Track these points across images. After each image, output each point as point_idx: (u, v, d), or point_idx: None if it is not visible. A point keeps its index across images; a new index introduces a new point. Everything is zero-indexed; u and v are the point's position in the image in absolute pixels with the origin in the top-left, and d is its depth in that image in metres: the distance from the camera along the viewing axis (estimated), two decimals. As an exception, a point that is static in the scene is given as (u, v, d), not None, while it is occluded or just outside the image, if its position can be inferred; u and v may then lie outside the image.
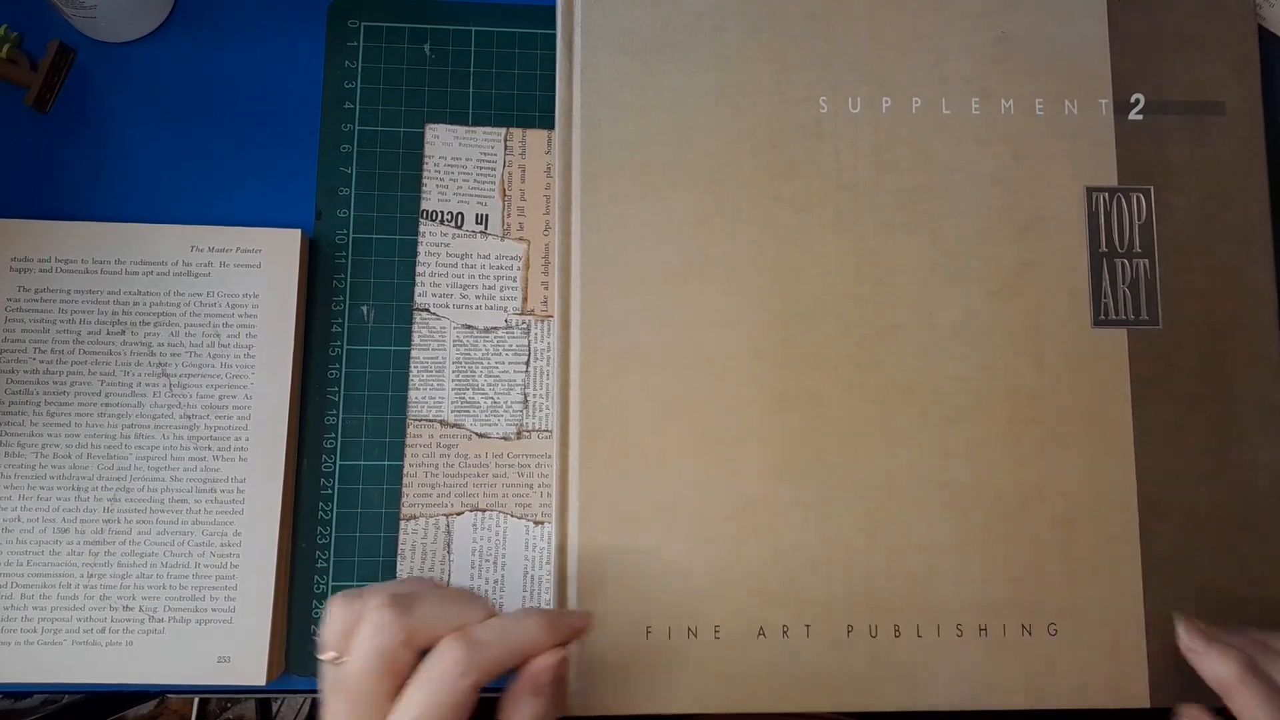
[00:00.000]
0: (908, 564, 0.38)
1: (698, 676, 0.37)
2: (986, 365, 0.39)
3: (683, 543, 0.37)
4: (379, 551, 0.40)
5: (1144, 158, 0.41)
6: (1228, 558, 0.39)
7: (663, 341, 0.38)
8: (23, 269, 0.40)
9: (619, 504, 0.37)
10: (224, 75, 0.44)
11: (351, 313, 0.42)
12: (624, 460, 0.38)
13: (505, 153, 0.44)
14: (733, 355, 0.39)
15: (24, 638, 0.37)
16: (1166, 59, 0.42)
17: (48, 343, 0.40)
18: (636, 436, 0.38)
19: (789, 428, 0.38)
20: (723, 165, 0.40)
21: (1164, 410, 0.39)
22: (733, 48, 0.41)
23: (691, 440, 0.38)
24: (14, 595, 0.38)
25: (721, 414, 0.38)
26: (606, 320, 0.38)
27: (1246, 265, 0.41)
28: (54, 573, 0.38)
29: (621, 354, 0.38)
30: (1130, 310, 0.40)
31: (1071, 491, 0.39)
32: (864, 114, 0.41)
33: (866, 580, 0.38)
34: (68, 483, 0.39)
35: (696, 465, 0.38)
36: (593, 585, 0.37)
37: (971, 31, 0.41)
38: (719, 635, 0.37)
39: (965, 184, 0.40)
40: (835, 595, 0.37)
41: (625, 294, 0.39)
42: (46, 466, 0.39)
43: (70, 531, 0.38)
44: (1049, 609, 0.38)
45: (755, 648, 0.37)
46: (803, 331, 0.39)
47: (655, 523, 0.37)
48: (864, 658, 0.37)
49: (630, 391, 0.38)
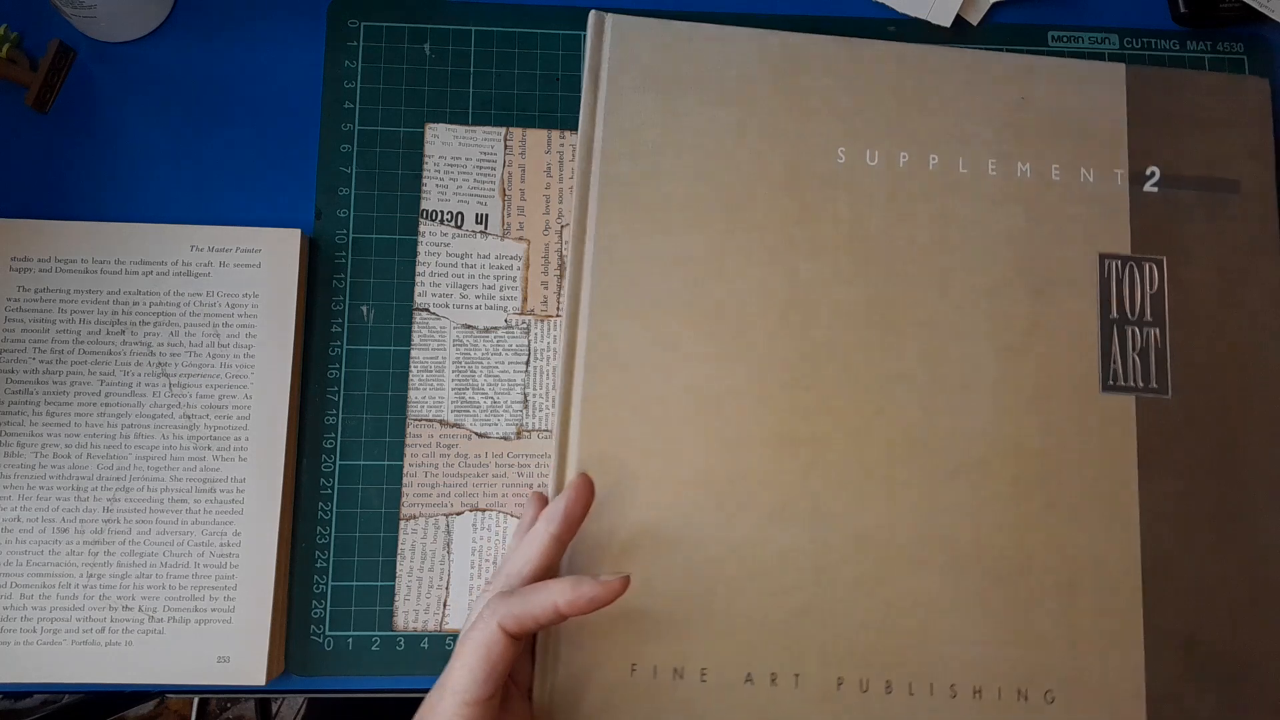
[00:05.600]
0: (903, 618, 0.37)
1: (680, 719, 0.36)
2: (992, 422, 0.39)
3: (674, 580, 0.37)
4: (379, 551, 0.40)
5: (1158, 229, 0.41)
6: (1234, 632, 0.38)
7: (668, 375, 0.38)
8: (23, 269, 0.40)
9: (615, 535, 0.37)
10: (224, 75, 0.44)
11: (351, 313, 0.42)
12: (621, 492, 0.37)
13: (505, 152, 0.44)
14: (737, 394, 0.38)
15: (24, 638, 0.37)
16: (1183, 135, 0.42)
17: (48, 343, 0.40)
18: (636, 469, 0.37)
19: (789, 470, 0.38)
20: (738, 206, 0.40)
21: (1171, 480, 0.39)
22: (756, 93, 0.41)
23: (690, 477, 0.37)
24: (14, 595, 0.38)
25: (722, 452, 0.38)
26: (613, 351, 0.38)
27: (1259, 341, 0.40)
28: (54, 573, 0.38)
29: (626, 385, 0.38)
30: (1140, 378, 0.40)
31: (1074, 556, 0.38)
32: (881, 166, 0.41)
33: (860, 632, 0.37)
34: (68, 483, 0.39)
35: (694, 502, 0.37)
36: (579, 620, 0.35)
37: (992, 94, 0.42)
38: (705, 679, 0.36)
39: (979, 242, 0.40)
40: (827, 645, 0.37)
41: (634, 326, 0.38)
42: (46, 466, 0.39)
43: (70, 531, 0.38)
44: (1047, 675, 0.37)
45: (742, 694, 0.36)
46: (809, 375, 0.38)
47: (648, 557, 0.37)
48: (854, 713, 0.36)
49: (632, 424, 0.38)
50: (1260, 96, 0.43)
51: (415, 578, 0.40)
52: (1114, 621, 0.37)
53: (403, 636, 0.40)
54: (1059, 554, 0.38)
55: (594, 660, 0.36)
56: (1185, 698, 0.37)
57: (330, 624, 0.40)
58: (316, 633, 0.40)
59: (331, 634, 0.40)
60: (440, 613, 0.40)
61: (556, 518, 0.34)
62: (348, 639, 0.40)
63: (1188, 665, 0.37)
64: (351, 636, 0.40)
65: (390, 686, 0.40)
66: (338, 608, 0.40)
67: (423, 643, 0.40)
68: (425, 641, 0.40)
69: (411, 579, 0.40)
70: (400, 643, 0.40)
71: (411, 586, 0.40)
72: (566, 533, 0.34)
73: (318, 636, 0.40)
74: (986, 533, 0.38)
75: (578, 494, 0.35)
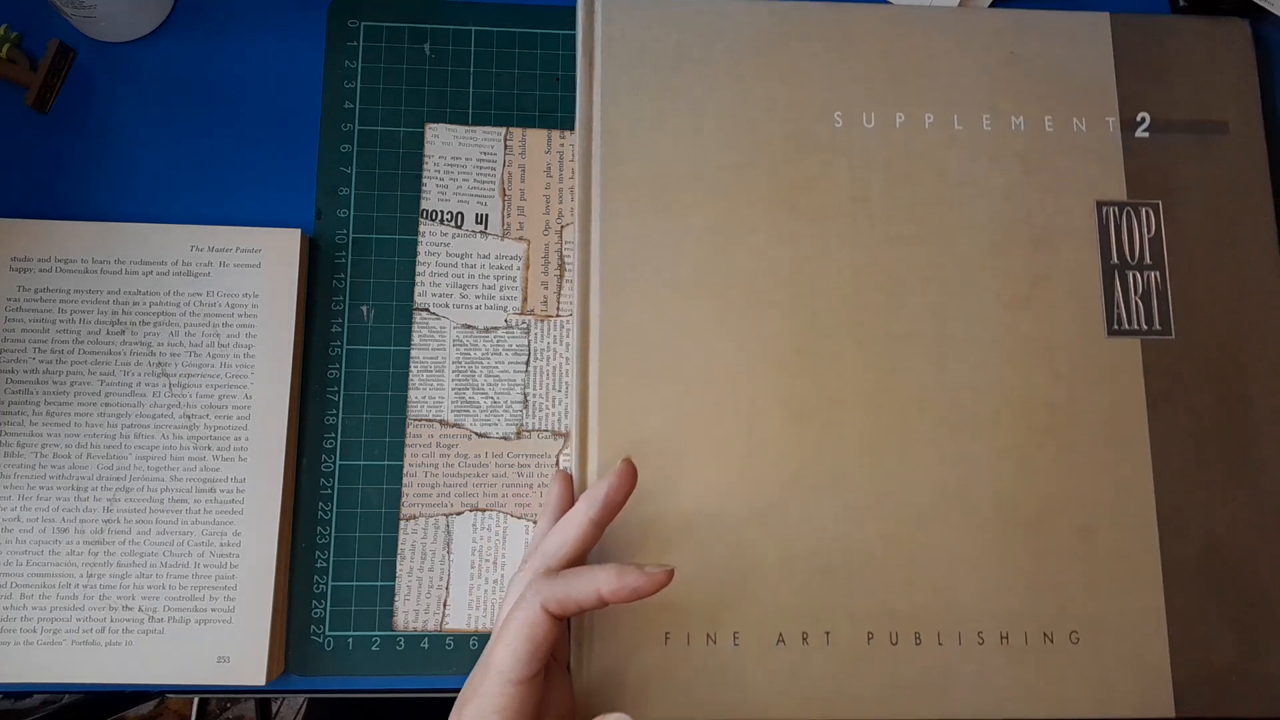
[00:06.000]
0: (928, 572, 0.38)
1: (717, 685, 0.36)
2: (1003, 376, 0.39)
3: (702, 549, 0.37)
4: (379, 551, 0.40)
5: (1152, 174, 0.42)
6: (1248, 565, 0.39)
7: (680, 351, 0.39)
8: (23, 269, 0.40)
9: (638, 512, 0.37)
10: (224, 75, 0.44)
11: (351, 313, 0.42)
12: (642, 469, 0.38)
13: (505, 152, 0.44)
14: (750, 365, 0.39)
15: (24, 638, 0.37)
16: (1170, 80, 0.43)
17: (48, 343, 0.40)
18: (655, 446, 0.38)
19: (807, 435, 0.38)
20: (739, 178, 0.40)
21: (1179, 419, 0.40)
22: (749, 64, 0.41)
23: (710, 449, 0.38)
24: (14, 595, 0.38)
25: (739, 423, 0.38)
26: (625, 330, 0.39)
27: (1255, 277, 0.41)
28: (54, 573, 0.38)
29: (639, 364, 0.38)
30: (1143, 321, 0.40)
31: (1090, 501, 0.39)
32: (878, 129, 0.41)
33: (886, 587, 0.38)
34: (68, 483, 0.39)
35: (714, 474, 0.38)
36: None
37: (982, 51, 0.42)
38: (738, 642, 0.37)
39: (978, 198, 0.41)
40: (855, 602, 0.37)
41: (643, 304, 0.39)
42: (46, 466, 0.39)
43: (70, 531, 0.38)
44: (1070, 618, 0.38)
45: (775, 655, 0.37)
46: (819, 341, 0.39)
47: (674, 530, 0.37)
48: (885, 666, 0.37)
49: (648, 401, 0.38)
50: (1241, 37, 0.43)
51: (415, 578, 0.40)
52: (1132, 562, 0.38)
53: (403, 636, 0.40)
54: (1075, 499, 0.39)
55: (629, 632, 0.36)
56: (1205, 631, 0.38)
57: (330, 624, 0.40)
58: (316, 633, 0.40)
59: (331, 634, 0.40)
60: (440, 613, 0.40)
61: (598, 502, 0.34)
62: (348, 639, 0.40)
63: (1205, 600, 0.38)
64: (351, 636, 0.40)
65: (390, 686, 0.40)
66: (338, 608, 0.40)
67: (423, 643, 0.40)
68: (425, 641, 0.40)
69: (411, 579, 0.40)
70: (400, 643, 0.40)
71: (411, 586, 0.40)
72: (606, 517, 0.34)
73: (318, 636, 0.40)
74: (1003, 483, 0.39)
75: (620, 480, 0.34)
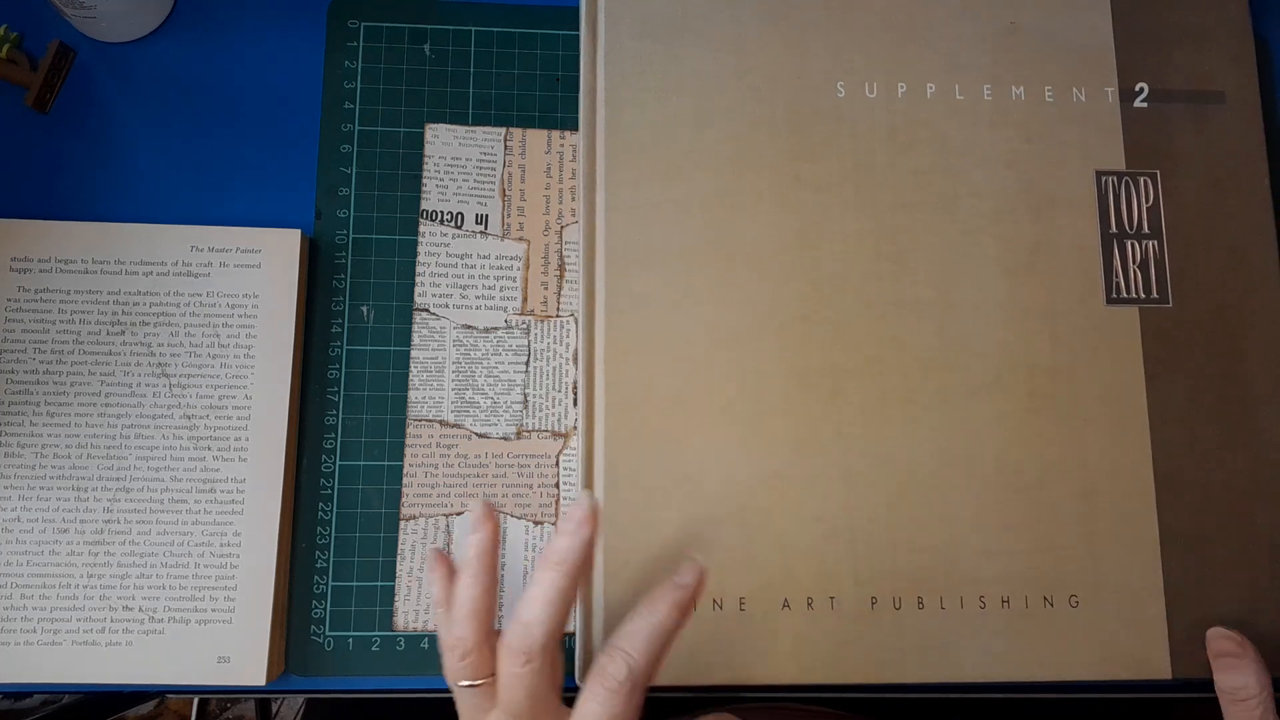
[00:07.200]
0: (930, 536, 0.38)
1: (723, 649, 0.37)
2: (1004, 342, 0.40)
3: (706, 516, 0.38)
4: (379, 551, 0.40)
5: (1150, 143, 0.42)
6: (1244, 529, 0.39)
7: (686, 319, 0.39)
8: (23, 269, 0.40)
9: (643, 479, 0.38)
10: (224, 75, 0.44)
11: (351, 313, 0.42)
12: (648, 436, 0.38)
13: (505, 153, 0.44)
14: (755, 332, 0.39)
15: (24, 638, 0.37)
16: (1168, 50, 0.43)
17: (48, 343, 0.40)
18: (660, 412, 0.38)
19: (811, 401, 0.39)
20: (743, 147, 0.41)
21: (1177, 386, 0.40)
22: (751, 33, 0.41)
23: (715, 415, 0.38)
24: (14, 595, 0.38)
25: (744, 389, 0.39)
26: (631, 298, 0.39)
27: (1252, 246, 0.42)
28: (54, 573, 0.38)
29: (645, 331, 0.39)
30: (1141, 289, 0.41)
31: (1089, 466, 0.39)
32: (880, 98, 0.41)
33: (890, 552, 0.38)
34: (68, 483, 0.39)
35: (720, 440, 0.38)
36: (617, 560, 0.37)
37: (982, 21, 0.43)
38: (744, 608, 0.37)
39: (979, 166, 0.41)
40: (859, 567, 0.38)
41: (649, 272, 0.39)
42: (46, 466, 0.39)
43: (70, 531, 0.38)
44: (1070, 581, 0.38)
45: (781, 620, 0.37)
46: (823, 308, 0.40)
47: (679, 497, 0.38)
48: (889, 629, 0.37)
49: (654, 368, 0.38)
50: (1239, 6, 0.44)
51: (415, 578, 0.40)
52: (1130, 525, 0.39)
53: (403, 637, 0.40)
54: (1075, 464, 0.39)
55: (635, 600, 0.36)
56: (1201, 593, 0.39)
57: (330, 624, 0.40)
58: (316, 633, 0.40)
59: (331, 634, 0.40)
60: (440, 613, 0.40)
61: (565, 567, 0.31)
62: (348, 639, 0.40)
63: (1202, 562, 0.39)
64: (351, 637, 0.40)
65: (390, 687, 0.40)
66: (338, 608, 0.40)
67: (423, 643, 0.40)
68: (425, 641, 0.40)
69: (411, 579, 0.40)
70: (400, 643, 0.40)
71: (411, 587, 0.40)
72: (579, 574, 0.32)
73: (318, 637, 0.40)
74: (1004, 448, 0.39)
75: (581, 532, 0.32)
